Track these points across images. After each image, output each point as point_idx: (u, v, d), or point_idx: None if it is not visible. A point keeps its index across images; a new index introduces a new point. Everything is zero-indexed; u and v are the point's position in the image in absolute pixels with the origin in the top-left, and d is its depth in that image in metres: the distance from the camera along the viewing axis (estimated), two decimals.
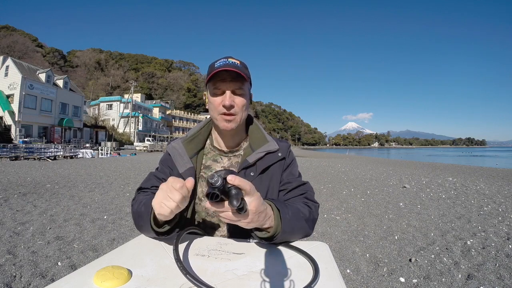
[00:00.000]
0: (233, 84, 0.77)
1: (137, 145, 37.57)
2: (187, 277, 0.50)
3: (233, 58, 0.81)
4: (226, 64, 0.76)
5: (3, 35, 52.26)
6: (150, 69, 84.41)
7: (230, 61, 0.78)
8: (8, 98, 25.66)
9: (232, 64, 0.77)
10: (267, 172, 0.83)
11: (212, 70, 0.77)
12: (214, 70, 0.75)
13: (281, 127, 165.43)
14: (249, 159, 0.82)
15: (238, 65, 0.78)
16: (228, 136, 0.86)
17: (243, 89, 0.80)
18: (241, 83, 0.78)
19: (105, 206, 4.91)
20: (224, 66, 0.75)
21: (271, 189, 0.82)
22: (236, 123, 0.80)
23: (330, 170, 13.38)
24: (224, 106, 0.77)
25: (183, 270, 0.52)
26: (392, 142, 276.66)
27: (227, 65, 0.75)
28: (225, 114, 0.78)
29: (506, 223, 4.24)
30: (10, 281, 2.23)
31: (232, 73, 0.76)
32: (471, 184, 8.67)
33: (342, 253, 3.06)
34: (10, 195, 5.64)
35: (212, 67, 0.79)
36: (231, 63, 0.77)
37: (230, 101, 0.77)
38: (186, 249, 0.65)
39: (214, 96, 0.79)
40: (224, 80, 0.77)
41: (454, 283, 2.40)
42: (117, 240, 3.27)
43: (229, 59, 0.79)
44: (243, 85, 0.79)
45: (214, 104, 0.79)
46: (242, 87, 0.79)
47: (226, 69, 0.74)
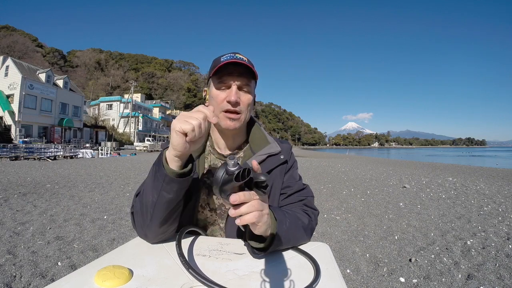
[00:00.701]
0: (240, 79, 0.73)
1: (137, 145, 37.55)
2: (189, 271, 0.51)
3: (240, 54, 0.76)
4: (233, 59, 0.72)
5: (3, 35, 52.26)
6: (150, 69, 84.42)
7: (237, 57, 0.74)
8: (8, 98, 25.66)
9: (240, 60, 0.73)
10: (269, 176, 0.77)
11: (217, 63, 0.73)
12: (221, 63, 0.70)
13: (281, 127, 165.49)
14: (249, 162, 0.78)
15: (245, 60, 0.74)
16: (229, 137, 0.81)
17: (250, 86, 0.75)
18: (248, 79, 0.74)
19: (105, 206, 4.91)
20: (232, 60, 0.72)
21: (272, 193, 0.79)
22: (240, 122, 0.76)
23: (330, 170, 13.38)
24: (230, 102, 0.72)
25: (185, 264, 0.53)
26: (392, 142, 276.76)
27: (235, 60, 0.72)
28: (229, 112, 0.73)
29: (506, 223, 4.24)
30: (10, 281, 2.23)
31: (240, 67, 0.71)
32: (471, 184, 8.67)
33: (342, 253, 3.06)
34: (10, 195, 5.64)
35: (218, 61, 0.75)
36: (238, 58, 0.73)
37: (236, 97, 0.72)
38: (187, 249, 0.65)
39: (218, 90, 0.74)
40: (231, 74, 0.72)
41: (454, 283, 2.40)
42: (117, 240, 3.27)
43: (236, 55, 0.75)
44: (250, 82, 0.75)
45: (217, 99, 0.74)
46: (249, 84, 0.75)
47: (235, 61, 0.70)
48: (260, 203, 0.54)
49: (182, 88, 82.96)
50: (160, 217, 0.64)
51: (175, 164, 0.61)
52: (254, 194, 0.52)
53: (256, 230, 0.57)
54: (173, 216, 0.67)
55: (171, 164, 0.61)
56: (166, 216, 0.65)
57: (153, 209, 0.64)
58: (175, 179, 0.61)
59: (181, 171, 0.61)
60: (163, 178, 0.61)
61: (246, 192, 0.51)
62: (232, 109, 0.73)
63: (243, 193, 0.51)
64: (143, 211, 0.67)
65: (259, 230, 0.57)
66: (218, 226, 0.79)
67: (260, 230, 0.57)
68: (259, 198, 0.54)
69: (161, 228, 0.66)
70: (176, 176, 0.61)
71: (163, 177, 0.61)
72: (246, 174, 0.48)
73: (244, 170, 0.48)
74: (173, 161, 0.60)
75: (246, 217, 0.52)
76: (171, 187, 0.61)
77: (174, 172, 0.61)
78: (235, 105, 0.73)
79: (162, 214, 0.64)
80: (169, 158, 0.61)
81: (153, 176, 0.64)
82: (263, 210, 0.55)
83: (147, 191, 0.66)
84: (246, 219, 0.52)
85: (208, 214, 0.79)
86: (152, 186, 0.64)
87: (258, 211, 0.53)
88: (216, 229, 0.79)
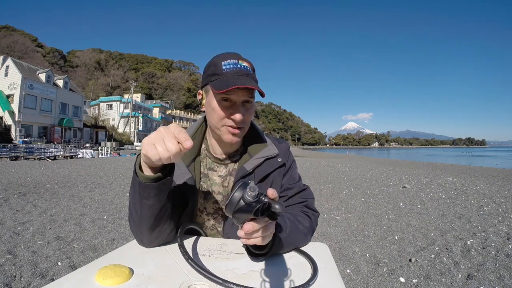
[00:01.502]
0: (246, 94, 0.68)
1: (137, 145, 37.59)
2: (188, 262, 0.51)
3: (242, 59, 0.71)
4: (238, 70, 0.68)
5: (3, 35, 52.29)
6: (150, 69, 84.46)
7: (241, 65, 0.69)
8: (8, 98, 25.68)
9: (244, 70, 0.68)
10: (267, 180, 0.77)
11: (218, 71, 0.68)
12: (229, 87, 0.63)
13: (281, 127, 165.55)
14: (246, 166, 0.76)
15: (249, 69, 0.70)
16: (227, 145, 0.78)
17: (254, 98, 0.71)
18: (253, 92, 0.70)
19: (105, 206, 4.91)
20: (236, 73, 0.67)
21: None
22: (242, 135, 0.74)
23: (330, 170, 13.38)
24: (235, 121, 0.68)
25: (185, 255, 0.54)
26: (392, 142, 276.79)
27: (239, 72, 0.68)
28: (232, 127, 0.70)
29: (506, 223, 4.24)
30: (10, 281, 2.23)
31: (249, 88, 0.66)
32: (471, 184, 8.67)
33: (342, 253, 3.06)
34: (10, 195, 5.64)
35: (218, 68, 0.69)
36: (243, 68, 0.68)
37: (242, 116, 0.68)
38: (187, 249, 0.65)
39: (221, 105, 0.68)
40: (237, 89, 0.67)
41: (454, 283, 2.40)
42: (117, 240, 3.27)
43: (239, 62, 0.69)
44: (254, 93, 0.71)
45: (219, 114, 0.69)
46: (254, 96, 0.71)
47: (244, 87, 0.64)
48: (269, 227, 0.53)
49: (182, 88, 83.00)
50: (148, 224, 0.62)
51: (149, 170, 0.57)
52: (266, 220, 0.51)
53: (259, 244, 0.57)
54: (161, 221, 0.63)
55: (145, 170, 0.58)
56: (154, 222, 0.62)
57: (139, 217, 0.62)
58: (150, 184, 0.57)
59: (156, 175, 0.57)
60: (138, 185, 0.58)
61: (260, 220, 0.50)
62: (235, 126, 0.69)
63: (258, 224, 0.50)
64: (133, 219, 0.65)
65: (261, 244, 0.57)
66: (216, 230, 0.79)
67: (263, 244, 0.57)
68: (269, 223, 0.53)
69: (153, 235, 0.64)
70: (150, 181, 0.57)
71: (138, 184, 0.58)
72: (265, 209, 0.46)
73: (264, 205, 0.46)
74: (146, 167, 0.57)
75: (253, 240, 0.52)
76: (148, 193, 0.58)
77: (148, 177, 0.57)
78: (240, 124, 0.69)
79: (149, 220, 0.62)
80: (142, 164, 0.58)
81: (132, 183, 0.61)
82: (270, 231, 0.54)
83: (131, 199, 0.64)
84: (253, 241, 0.52)
85: (205, 218, 0.79)
86: (133, 194, 0.62)
87: (266, 235, 0.53)
88: (214, 233, 0.79)
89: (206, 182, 0.79)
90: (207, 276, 0.47)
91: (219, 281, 0.45)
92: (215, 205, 0.78)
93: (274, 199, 0.48)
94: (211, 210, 0.79)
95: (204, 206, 0.79)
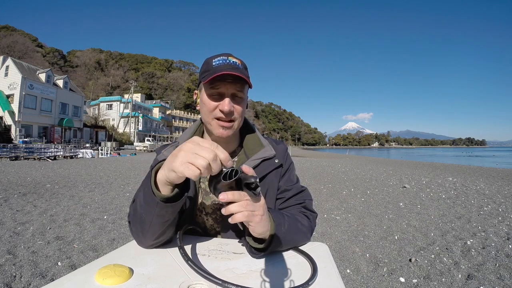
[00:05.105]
0: (233, 86, 0.69)
1: (137, 145, 37.58)
2: (188, 263, 0.52)
3: (233, 56, 0.74)
4: (227, 64, 0.69)
5: (3, 35, 52.28)
6: (150, 69, 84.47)
7: (230, 60, 0.71)
8: (8, 98, 25.68)
9: (233, 64, 0.70)
10: (264, 181, 0.78)
11: (209, 68, 0.70)
12: (215, 74, 0.66)
13: (281, 127, 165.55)
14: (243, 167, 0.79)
15: (239, 65, 0.71)
16: (222, 143, 0.76)
17: (243, 92, 0.72)
18: (242, 85, 0.71)
19: (105, 206, 4.91)
20: (224, 66, 0.69)
21: (268, 199, 0.77)
22: (233, 130, 0.74)
23: (330, 170, 13.38)
24: (223, 111, 0.69)
25: (185, 256, 0.54)
26: (392, 142, 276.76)
27: (228, 66, 0.69)
28: (222, 120, 0.71)
29: (506, 223, 4.24)
30: (10, 281, 2.23)
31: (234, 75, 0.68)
32: (471, 184, 8.67)
33: (342, 253, 3.06)
34: (10, 195, 5.64)
35: (209, 65, 0.71)
36: (232, 62, 0.70)
37: (230, 107, 0.69)
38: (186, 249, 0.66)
39: (210, 98, 0.70)
40: (224, 81, 0.68)
41: (454, 283, 2.40)
42: (117, 240, 3.27)
43: (229, 58, 0.72)
44: (243, 88, 0.72)
45: (208, 106, 0.71)
46: (243, 90, 0.72)
47: (228, 73, 0.66)
48: (250, 203, 0.54)
49: (182, 88, 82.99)
50: (156, 233, 0.62)
51: (167, 188, 0.56)
52: (245, 194, 0.53)
53: (252, 231, 0.58)
54: (169, 228, 0.64)
55: (163, 189, 0.56)
56: (162, 231, 0.63)
57: (149, 227, 0.61)
58: (170, 204, 0.57)
59: (174, 192, 0.57)
60: (155, 205, 0.57)
61: (236, 192, 0.52)
62: (224, 117, 0.71)
63: (232, 192, 0.51)
64: (138, 224, 0.64)
65: (254, 231, 0.58)
66: (215, 231, 0.80)
67: (256, 231, 0.58)
68: (251, 199, 0.54)
69: (157, 240, 0.65)
70: (171, 201, 0.57)
71: (155, 204, 0.56)
72: (233, 174, 0.49)
73: (232, 171, 0.49)
74: (164, 186, 0.56)
75: (236, 216, 0.53)
76: (166, 211, 0.58)
77: (168, 197, 0.56)
78: (229, 115, 0.71)
79: (158, 230, 0.62)
80: (160, 182, 0.56)
81: (144, 199, 0.60)
82: (254, 211, 0.55)
83: (140, 210, 0.62)
84: (236, 218, 0.53)
85: (204, 218, 0.80)
86: (146, 209, 0.60)
87: (248, 211, 0.54)
88: (213, 233, 0.80)
89: (204, 182, 0.79)
90: (207, 277, 0.47)
91: (219, 282, 0.46)
92: (213, 205, 0.79)
93: (247, 173, 0.52)
94: (210, 210, 0.79)
95: (203, 206, 0.79)
